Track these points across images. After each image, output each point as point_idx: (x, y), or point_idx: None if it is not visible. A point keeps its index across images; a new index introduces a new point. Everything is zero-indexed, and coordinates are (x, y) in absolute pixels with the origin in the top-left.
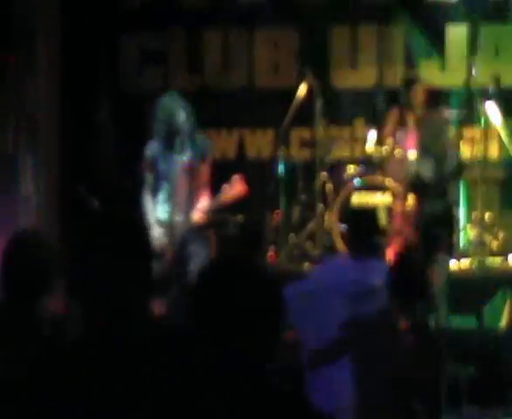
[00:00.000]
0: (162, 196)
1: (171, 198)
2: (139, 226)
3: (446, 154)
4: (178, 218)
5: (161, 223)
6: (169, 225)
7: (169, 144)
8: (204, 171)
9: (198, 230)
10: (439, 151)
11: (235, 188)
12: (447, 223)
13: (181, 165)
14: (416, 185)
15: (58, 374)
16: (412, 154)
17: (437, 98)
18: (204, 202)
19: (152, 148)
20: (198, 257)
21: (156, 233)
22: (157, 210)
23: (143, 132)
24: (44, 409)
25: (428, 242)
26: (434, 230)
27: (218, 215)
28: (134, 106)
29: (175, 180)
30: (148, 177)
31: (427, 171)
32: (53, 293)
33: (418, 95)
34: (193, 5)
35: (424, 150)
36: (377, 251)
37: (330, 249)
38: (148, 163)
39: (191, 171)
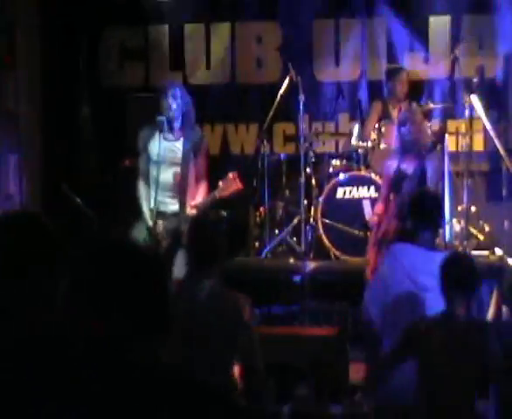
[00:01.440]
0: (155, 184)
1: (165, 187)
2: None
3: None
4: (172, 208)
5: (154, 211)
6: (162, 214)
7: (163, 131)
8: (200, 163)
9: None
10: (419, 147)
11: (230, 184)
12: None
13: (174, 154)
14: (397, 180)
15: None
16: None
17: (420, 90)
18: (198, 198)
19: (145, 135)
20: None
21: (151, 222)
22: (151, 198)
23: (125, 127)
24: None
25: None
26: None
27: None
28: (115, 101)
29: (167, 169)
30: (141, 164)
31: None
32: None
33: (403, 85)
34: (176, 0)
35: (404, 149)
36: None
37: (315, 244)
38: (141, 149)
39: (184, 161)
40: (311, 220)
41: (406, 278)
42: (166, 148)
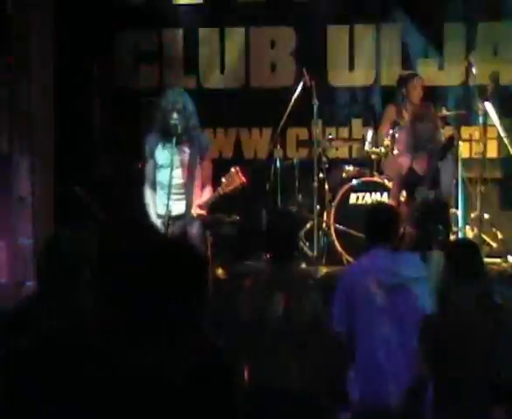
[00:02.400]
0: (161, 189)
1: (170, 191)
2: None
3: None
4: (178, 211)
5: (161, 216)
6: (168, 218)
7: (168, 137)
8: (206, 167)
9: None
10: (432, 147)
11: (234, 179)
12: (440, 213)
13: (180, 158)
14: (409, 180)
15: None
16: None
17: (434, 97)
18: (204, 198)
19: (150, 141)
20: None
21: (163, 227)
22: (157, 203)
23: (138, 130)
24: None
25: (421, 237)
26: (427, 225)
27: (215, 215)
28: (129, 104)
29: (173, 173)
30: (148, 170)
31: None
32: None
33: (418, 91)
34: (190, 4)
35: (418, 146)
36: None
37: (328, 249)
38: (147, 155)
39: (190, 165)
40: (324, 225)
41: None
42: (173, 153)
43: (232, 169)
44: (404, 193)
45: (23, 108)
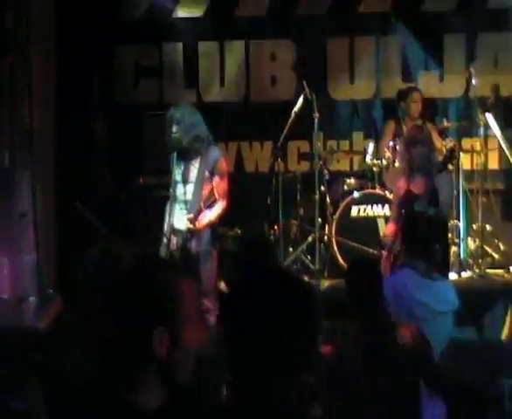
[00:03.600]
0: (177, 204)
1: (181, 205)
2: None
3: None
4: (186, 225)
5: (176, 232)
6: (178, 231)
7: (182, 154)
8: (217, 182)
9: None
10: (428, 168)
11: None
12: (440, 233)
13: (191, 173)
14: (407, 201)
15: None
16: None
17: (435, 109)
18: (202, 215)
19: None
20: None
21: (174, 243)
22: (174, 219)
23: (139, 145)
24: None
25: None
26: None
27: (217, 229)
28: (129, 119)
29: (186, 188)
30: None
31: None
32: None
33: (417, 104)
34: (190, 18)
35: (413, 169)
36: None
37: (330, 262)
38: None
39: (199, 180)
40: (325, 238)
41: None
42: (183, 168)
43: None
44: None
45: (24, 123)
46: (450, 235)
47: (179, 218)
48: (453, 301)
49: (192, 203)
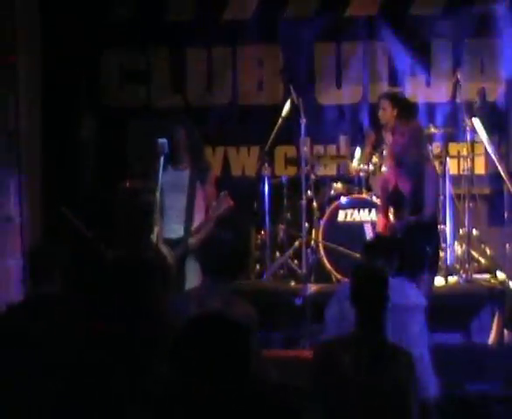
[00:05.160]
0: (166, 214)
1: (172, 214)
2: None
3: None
4: (178, 235)
5: (166, 241)
6: (168, 241)
7: (170, 162)
8: (209, 191)
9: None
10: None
11: (222, 203)
12: (426, 237)
13: (180, 182)
14: (395, 198)
15: None
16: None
17: (422, 114)
18: (195, 225)
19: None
20: (190, 280)
21: (164, 251)
22: (164, 229)
23: (125, 149)
24: None
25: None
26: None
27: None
28: (116, 123)
29: (175, 195)
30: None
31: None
32: None
33: (386, 111)
34: (177, 22)
35: (400, 166)
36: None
37: (316, 267)
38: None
39: (191, 189)
40: (312, 243)
41: None
42: (174, 176)
43: (221, 193)
44: (392, 209)
45: (9, 128)
46: None
47: (171, 228)
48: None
49: (187, 214)
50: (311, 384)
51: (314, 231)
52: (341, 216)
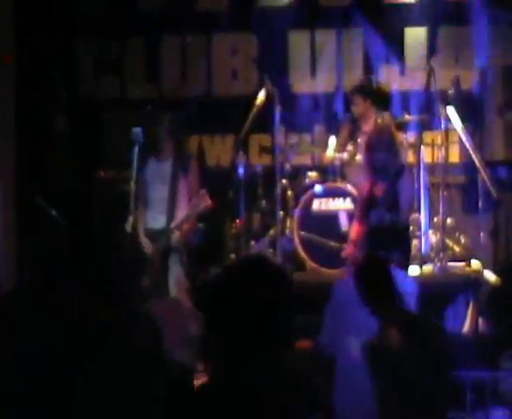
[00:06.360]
0: (149, 205)
1: (154, 205)
2: None
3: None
4: (160, 225)
5: (148, 231)
6: (150, 231)
7: (150, 152)
8: (191, 181)
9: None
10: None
11: (203, 201)
12: (396, 241)
13: (163, 173)
14: (368, 203)
15: None
16: None
17: (396, 102)
18: (176, 220)
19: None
20: (174, 271)
21: (144, 242)
22: (145, 219)
23: (100, 139)
24: None
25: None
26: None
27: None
28: (90, 113)
29: (157, 186)
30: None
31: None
32: None
33: (358, 106)
34: (150, 12)
35: (374, 172)
36: None
37: (291, 256)
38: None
39: (173, 180)
40: (287, 232)
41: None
42: (156, 167)
43: (200, 191)
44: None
45: None
46: (411, 228)
47: (154, 218)
48: None
49: (169, 204)
50: None
51: (289, 220)
52: (315, 204)
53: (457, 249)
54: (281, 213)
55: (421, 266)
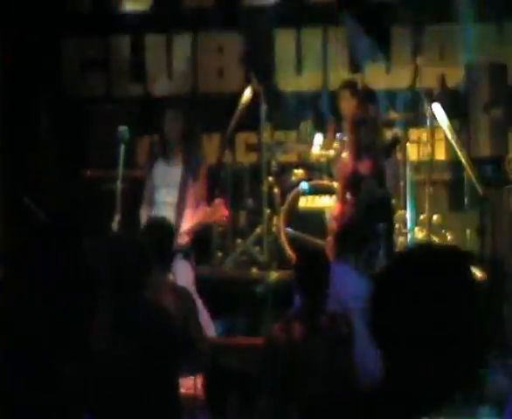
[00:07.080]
0: (157, 209)
1: (163, 209)
2: None
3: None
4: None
5: None
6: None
7: (164, 157)
8: (200, 187)
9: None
10: (374, 150)
11: (216, 211)
12: (385, 214)
13: (173, 178)
14: (353, 181)
15: None
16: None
17: (382, 100)
18: (186, 225)
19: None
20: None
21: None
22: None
23: (86, 138)
24: None
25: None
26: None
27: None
28: (76, 112)
29: (166, 191)
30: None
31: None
32: None
33: (347, 101)
34: (136, 10)
35: (360, 150)
36: None
37: (278, 254)
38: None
39: (183, 185)
40: (274, 229)
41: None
42: (165, 172)
43: (217, 200)
44: (348, 194)
45: None
46: (397, 225)
47: None
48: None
49: (177, 210)
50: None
51: (275, 218)
52: (302, 202)
53: None
54: (268, 211)
55: None
